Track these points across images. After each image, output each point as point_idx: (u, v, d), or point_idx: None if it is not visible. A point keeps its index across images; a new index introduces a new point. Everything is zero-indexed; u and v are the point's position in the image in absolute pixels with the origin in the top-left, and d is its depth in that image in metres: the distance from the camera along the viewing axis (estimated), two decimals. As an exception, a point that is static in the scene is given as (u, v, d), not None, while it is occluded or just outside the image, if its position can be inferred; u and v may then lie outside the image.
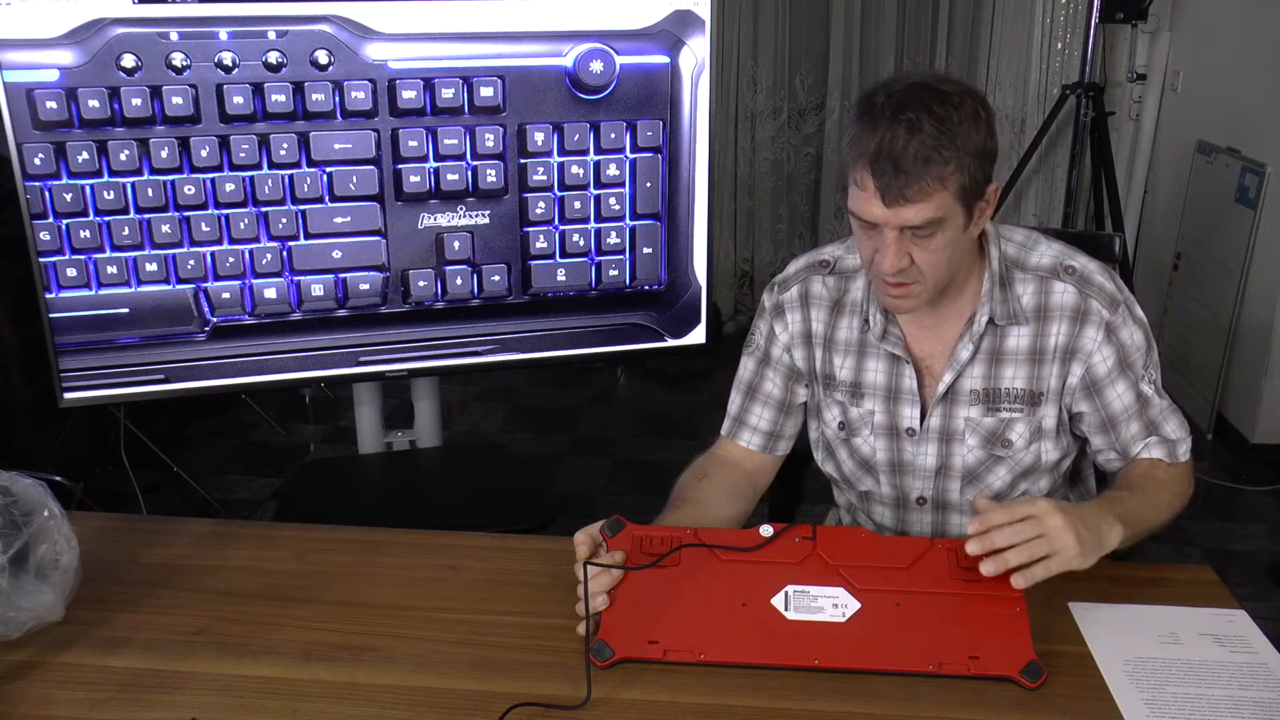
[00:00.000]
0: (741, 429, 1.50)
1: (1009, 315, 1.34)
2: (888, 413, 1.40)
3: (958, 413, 1.37)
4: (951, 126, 1.18)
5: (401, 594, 1.29)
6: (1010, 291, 1.34)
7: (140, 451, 2.92)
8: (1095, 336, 1.32)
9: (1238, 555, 2.82)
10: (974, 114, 1.20)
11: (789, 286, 1.46)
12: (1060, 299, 1.33)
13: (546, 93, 1.94)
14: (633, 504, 2.80)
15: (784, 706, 1.09)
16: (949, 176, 1.18)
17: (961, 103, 1.19)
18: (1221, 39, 3.54)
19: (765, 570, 1.21)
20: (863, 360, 1.41)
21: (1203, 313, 3.47)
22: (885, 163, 1.17)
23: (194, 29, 1.80)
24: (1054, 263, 1.34)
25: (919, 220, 1.20)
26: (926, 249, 1.23)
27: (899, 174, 1.17)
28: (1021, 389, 1.35)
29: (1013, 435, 1.37)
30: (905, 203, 1.18)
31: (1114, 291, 1.33)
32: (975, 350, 1.35)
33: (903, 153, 1.17)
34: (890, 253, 1.22)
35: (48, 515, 1.19)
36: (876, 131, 1.18)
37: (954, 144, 1.18)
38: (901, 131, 1.17)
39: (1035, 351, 1.34)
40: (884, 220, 1.21)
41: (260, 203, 1.89)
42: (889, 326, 1.38)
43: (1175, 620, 1.21)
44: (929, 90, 1.19)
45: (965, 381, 1.36)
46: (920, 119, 1.17)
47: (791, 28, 4.16)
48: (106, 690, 1.12)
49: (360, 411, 2.32)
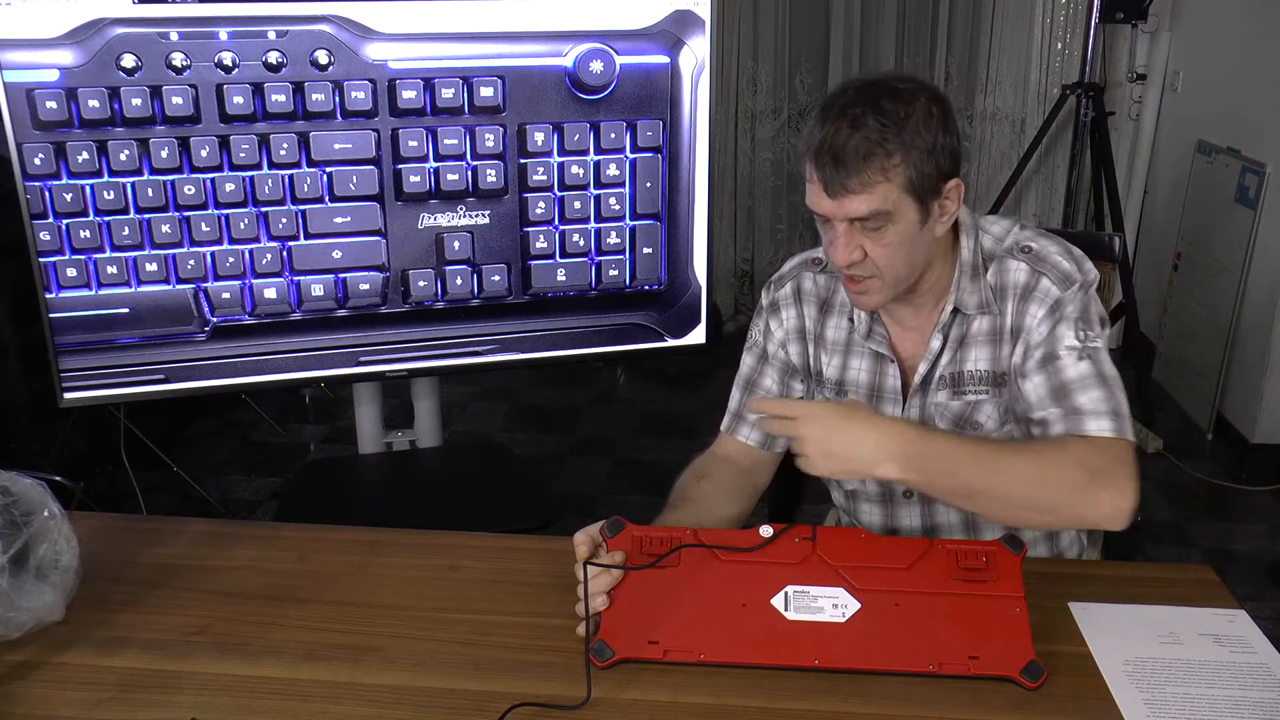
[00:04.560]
0: (740, 424, 1.50)
1: (980, 304, 1.34)
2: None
3: (929, 400, 1.39)
4: (898, 121, 1.20)
5: (401, 594, 1.29)
6: (982, 281, 1.35)
7: (140, 451, 2.92)
8: (1037, 313, 1.31)
9: (1238, 555, 2.82)
10: (926, 110, 1.22)
11: (784, 283, 1.49)
12: (1013, 277, 1.34)
13: (546, 93, 1.94)
14: (633, 504, 2.80)
15: (784, 706, 1.09)
16: (892, 169, 1.20)
17: (913, 98, 1.22)
18: (1221, 39, 3.54)
19: (765, 570, 1.21)
20: (848, 359, 1.43)
21: (1203, 313, 3.47)
22: (826, 155, 1.21)
23: (194, 29, 1.80)
24: (1013, 243, 1.35)
25: (864, 211, 1.22)
26: (879, 242, 1.25)
27: (839, 166, 1.20)
28: (985, 370, 1.36)
29: (980, 417, 1.37)
30: (847, 194, 1.21)
31: (1069, 270, 1.31)
32: (945, 340, 1.36)
33: (844, 146, 1.20)
34: (840, 245, 1.25)
35: (48, 515, 1.19)
36: (824, 127, 1.22)
37: (899, 138, 1.20)
38: (845, 126, 1.20)
39: (995, 332, 1.35)
40: (831, 212, 1.24)
41: (260, 203, 1.89)
42: (874, 325, 1.40)
43: (1175, 620, 1.21)
44: (882, 87, 1.23)
45: (935, 370, 1.38)
46: (865, 114, 1.20)
47: (791, 28, 4.16)
48: (106, 690, 1.12)
49: (360, 411, 2.32)
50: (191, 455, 3.27)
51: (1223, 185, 3.36)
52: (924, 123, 1.21)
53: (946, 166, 1.24)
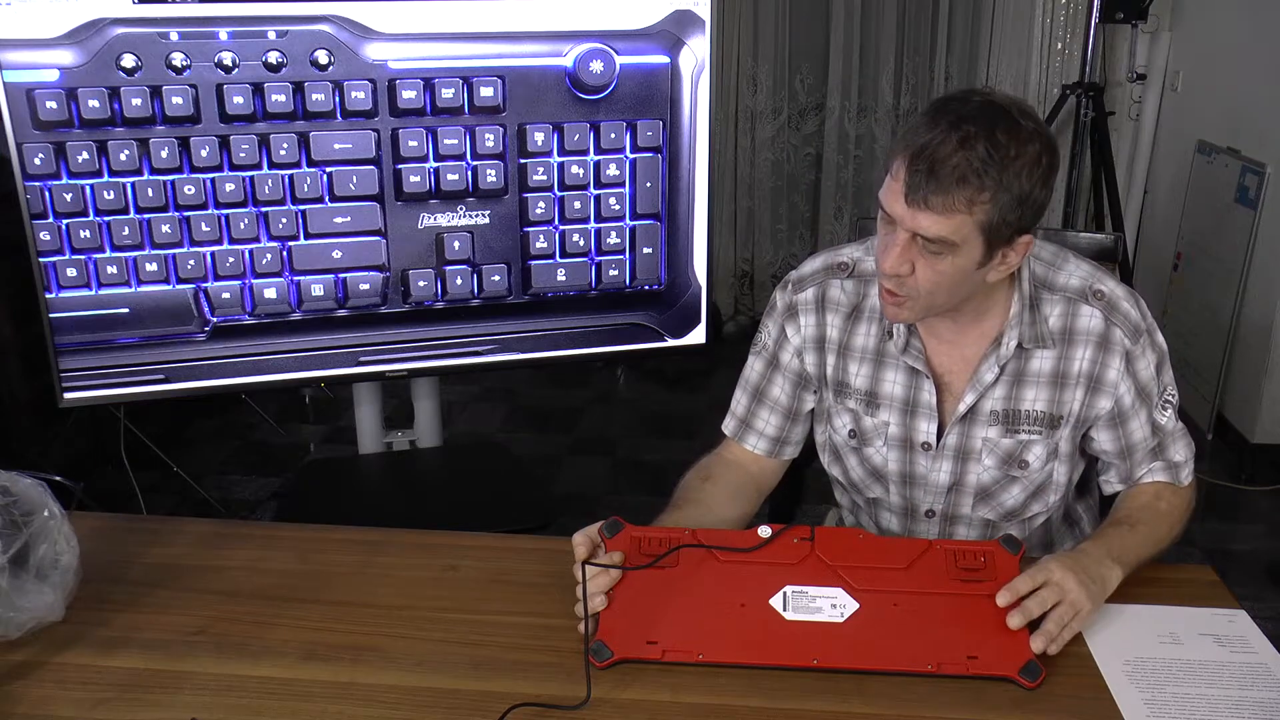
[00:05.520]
0: (748, 433, 1.48)
1: (1036, 338, 1.31)
2: (903, 425, 1.38)
3: (976, 432, 1.36)
4: (1006, 158, 1.14)
5: (401, 594, 1.29)
6: (1038, 313, 1.31)
7: (140, 451, 2.92)
8: (1119, 367, 1.31)
9: (1238, 555, 2.82)
10: (1035, 158, 1.16)
11: (805, 288, 1.42)
12: (1087, 323, 1.31)
13: (546, 93, 1.94)
14: (633, 504, 2.80)
15: (783, 706, 1.09)
16: (979, 204, 1.15)
17: (1028, 141, 1.16)
18: (1221, 39, 3.54)
19: (763, 571, 1.21)
20: (880, 370, 1.38)
21: (1203, 313, 3.47)
22: (922, 162, 1.15)
23: (194, 29, 1.80)
24: (1082, 285, 1.32)
25: (932, 233, 1.17)
26: (932, 266, 1.20)
27: (931, 178, 1.14)
28: (1042, 412, 1.34)
29: (1030, 457, 1.36)
30: (926, 209, 1.16)
31: (1138, 320, 1.32)
32: (1000, 373, 1.33)
33: (944, 160, 1.14)
34: (894, 253, 1.20)
35: (48, 515, 1.19)
36: (932, 130, 1.15)
37: (999, 175, 1.14)
38: (954, 140, 1.14)
39: (1058, 375, 1.33)
40: (900, 218, 1.18)
41: (260, 203, 1.89)
42: (911, 339, 1.35)
43: (1175, 620, 1.21)
44: (1004, 115, 1.16)
45: (986, 402, 1.34)
46: (978, 137, 1.14)
47: (791, 28, 4.16)
48: (106, 690, 1.12)
49: (360, 411, 2.32)
50: (191, 455, 3.27)
51: (1223, 185, 3.36)
52: (1029, 170, 1.16)
53: (1028, 220, 1.19)
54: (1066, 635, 1.15)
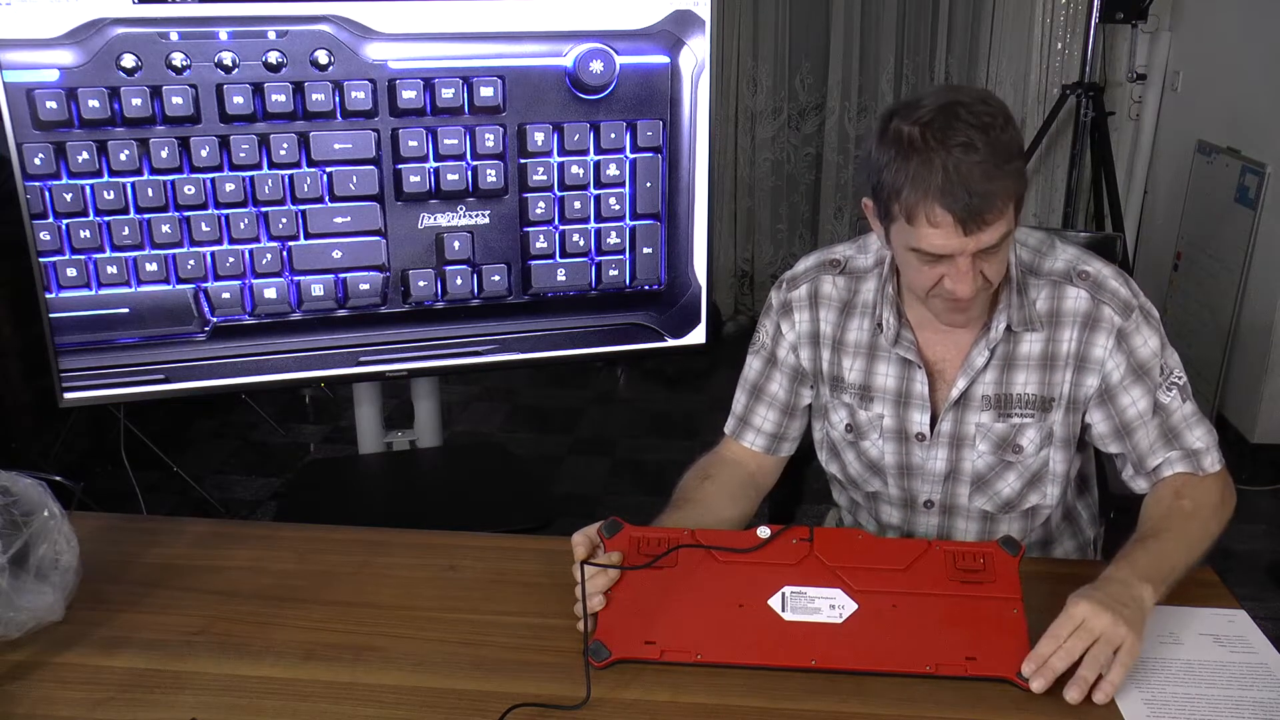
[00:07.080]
0: (746, 429, 1.49)
1: (1024, 321, 1.32)
2: (897, 417, 1.39)
3: (969, 418, 1.36)
4: (996, 135, 1.14)
5: (401, 594, 1.29)
6: (1025, 297, 1.32)
7: (140, 451, 2.92)
8: (1106, 344, 1.31)
9: (1238, 555, 2.82)
10: (1003, 109, 1.17)
11: (798, 285, 1.44)
12: (1073, 304, 1.32)
13: (546, 93, 1.94)
14: (633, 504, 2.80)
15: (782, 707, 1.09)
16: (1011, 187, 1.16)
17: (986, 101, 1.17)
18: (1221, 39, 3.54)
19: (762, 571, 1.21)
20: (873, 363, 1.40)
21: (1203, 312, 3.47)
22: (960, 193, 1.13)
23: (194, 29, 1.80)
24: (1068, 267, 1.33)
25: (995, 239, 1.17)
26: (994, 259, 1.21)
27: (974, 198, 1.13)
28: (1033, 394, 1.34)
29: (1023, 440, 1.36)
30: (985, 226, 1.15)
31: (1128, 297, 1.31)
32: (990, 356, 1.33)
33: (970, 176, 1.13)
34: (968, 279, 1.19)
35: (48, 515, 1.19)
36: (934, 163, 1.13)
37: (1005, 151, 1.15)
38: (958, 152, 1.13)
39: (1047, 357, 1.33)
40: (963, 248, 1.17)
41: (260, 203, 1.89)
42: (902, 330, 1.36)
43: (1175, 620, 1.21)
44: (956, 102, 1.16)
45: (977, 387, 1.35)
46: (971, 138, 1.13)
47: (791, 28, 4.16)
48: (106, 690, 1.12)
49: (360, 411, 2.32)
50: (191, 455, 3.27)
51: (1223, 185, 3.36)
52: (1007, 124, 1.17)
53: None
54: (1118, 675, 1.07)
